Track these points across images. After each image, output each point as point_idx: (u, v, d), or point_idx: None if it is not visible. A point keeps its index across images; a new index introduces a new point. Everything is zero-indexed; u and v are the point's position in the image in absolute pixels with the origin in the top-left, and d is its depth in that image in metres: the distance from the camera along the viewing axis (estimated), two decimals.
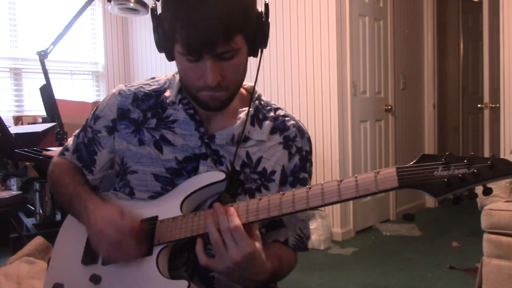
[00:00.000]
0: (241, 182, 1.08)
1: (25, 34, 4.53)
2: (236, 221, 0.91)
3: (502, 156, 3.23)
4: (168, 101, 1.11)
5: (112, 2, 3.07)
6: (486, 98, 3.82)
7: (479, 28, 5.00)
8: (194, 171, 1.07)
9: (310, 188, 0.91)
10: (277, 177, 1.12)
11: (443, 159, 0.82)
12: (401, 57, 4.59)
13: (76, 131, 1.23)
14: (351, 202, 3.88)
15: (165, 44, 1.01)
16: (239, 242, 0.90)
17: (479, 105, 4.04)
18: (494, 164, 0.78)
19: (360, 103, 4.05)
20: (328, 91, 3.82)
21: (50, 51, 3.17)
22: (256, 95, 1.16)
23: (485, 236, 2.54)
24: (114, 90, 1.17)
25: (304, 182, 1.15)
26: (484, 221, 2.52)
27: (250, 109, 1.11)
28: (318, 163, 3.90)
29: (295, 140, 1.14)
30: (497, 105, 3.68)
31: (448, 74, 5.65)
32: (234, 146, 1.09)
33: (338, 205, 3.82)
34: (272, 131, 1.13)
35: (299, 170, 1.14)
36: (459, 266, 3.12)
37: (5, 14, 4.43)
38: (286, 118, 1.16)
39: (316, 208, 0.90)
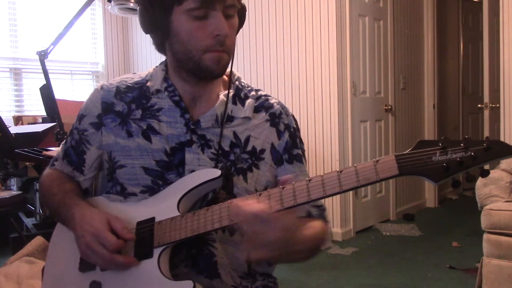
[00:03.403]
0: (232, 162, 1.08)
1: (25, 34, 4.53)
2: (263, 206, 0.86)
3: None
4: (152, 90, 1.12)
5: (112, 2, 3.07)
6: (486, 98, 3.82)
7: (479, 28, 5.00)
8: (182, 164, 1.07)
9: (310, 180, 0.90)
10: (267, 155, 1.11)
11: (440, 144, 0.82)
12: (401, 57, 4.59)
13: (64, 140, 1.23)
14: (351, 202, 3.91)
15: (160, 15, 1.01)
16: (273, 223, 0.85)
17: (479, 105, 4.04)
18: (490, 146, 0.80)
19: (360, 103, 4.05)
20: (328, 91, 3.82)
21: (50, 51, 3.17)
22: (236, 77, 1.17)
23: (485, 236, 2.54)
24: (96, 87, 1.18)
25: (299, 158, 1.15)
26: (484, 221, 2.52)
27: (230, 90, 1.13)
28: (318, 163, 3.90)
29: (281, 117, 1.15)
30: (497, 105, 3.68)
31: (448, 74, 5.65)
32: (220, 127, 1.09)
33: (338, 205, 3.82)
34: (257, 110, 1.14)
35: (292, 147, 1.14)
36: (459, 266, 3.12)
37: (5, 14, 4.43)
38: (269, 97, 1.18)
39: (318, 200, 0.89)
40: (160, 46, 1.10)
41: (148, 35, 1.09)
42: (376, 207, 4.29)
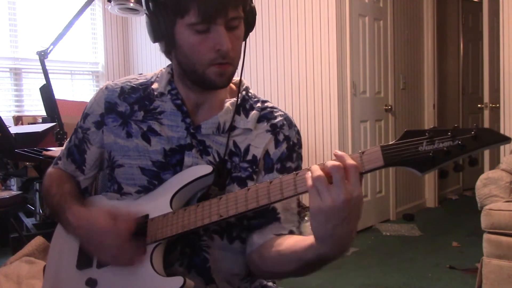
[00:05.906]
0: (228, 171, 1.07)
1: (25, 34, 4.54)
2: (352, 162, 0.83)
3: (502, 156, 3.23)
4: (156, 92, 1.12)
5: (112, 2, 3.07)
6: (486, 98, 3.82)
7: (479, 28, 5.00)
8: (179, 164, 1.07)
9: (297, 173, 0.89)
10: (260, 161, 1.10)
11: (426, 134, 0.80)
12: (401, 57, 4.59)
13: (69, 138, 1.24)
14: None
15: (165, 27, 1.01)
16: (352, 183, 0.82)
17: (479, 105, 4.04)
18: (478, 135, 0.77)
19: (360, 103, 4.05)
20: (328, 91, 3.82)
21: (50, 51, 3.17)
22: (244, 87, 1.16)
23: (485, 236, 2.54)
24: (101, 87, 1.18)
25: (291, 172, 1.11)
26: (484, 221, 2.52)
27: (237, 99, 1.12)
28: (318, 163, 3.90)
29: (282, 128, 1.13)
30: (497, 105, 3.68)
31: (448, 74, 5.65)
32: (221, 135, 1.08)
33: None
34: (259, 120, 1.13)
35: (286, 159, 1.11)
36: (459, 266, 3.12)
37: (5, 14, 4.43)
38: (274, 109, 1.16)
39: (305, 193, 0.87)
40: (167, 54, 1.10)
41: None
42: (376, 207, 4.29)
